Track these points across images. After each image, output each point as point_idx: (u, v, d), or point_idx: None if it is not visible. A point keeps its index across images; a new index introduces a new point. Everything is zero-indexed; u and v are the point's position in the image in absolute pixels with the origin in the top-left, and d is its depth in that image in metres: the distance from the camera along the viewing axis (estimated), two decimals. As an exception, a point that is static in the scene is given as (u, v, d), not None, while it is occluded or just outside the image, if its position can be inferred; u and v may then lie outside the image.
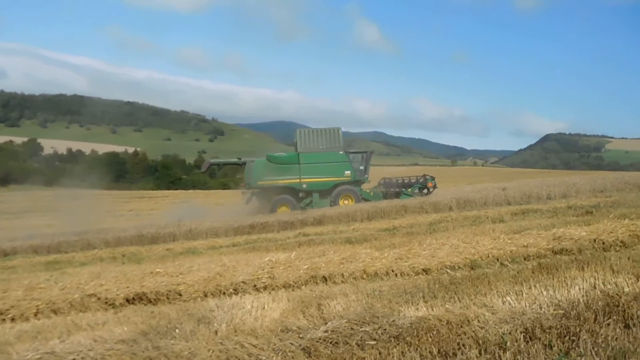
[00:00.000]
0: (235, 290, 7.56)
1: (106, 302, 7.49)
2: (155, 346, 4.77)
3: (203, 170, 30.29)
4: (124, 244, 18.05)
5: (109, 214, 32.71)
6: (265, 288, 7.54)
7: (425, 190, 25.66)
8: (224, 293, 7.46)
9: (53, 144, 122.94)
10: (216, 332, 5.24)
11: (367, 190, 26.32)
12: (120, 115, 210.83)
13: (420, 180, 26.14)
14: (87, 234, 19.71)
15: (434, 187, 26.00)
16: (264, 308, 5.88)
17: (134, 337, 5.11)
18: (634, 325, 3.93)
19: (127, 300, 7.55)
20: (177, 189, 67.65)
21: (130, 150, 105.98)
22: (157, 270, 8.95)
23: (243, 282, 7.68)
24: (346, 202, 24.76)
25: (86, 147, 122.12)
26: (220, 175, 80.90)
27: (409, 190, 25.64)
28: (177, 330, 5.32)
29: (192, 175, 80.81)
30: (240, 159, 28.38)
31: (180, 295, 7.59)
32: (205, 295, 7.50)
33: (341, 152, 25.37)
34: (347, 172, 25.18)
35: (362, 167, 25.85)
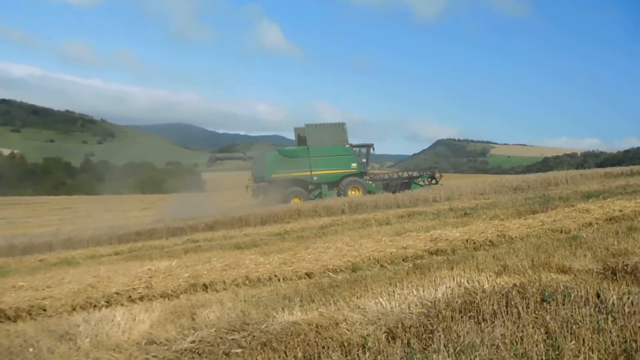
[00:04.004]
0: (107, 302, 7.09)
1: (-47, 323, 6.67)
2: (2, 369, 4.31)
3: (209, 166, 30.04)
4: (-10, 255, 16.35)
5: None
6: (141, 299, 7.15)
7: (433, 181, 28.25)
8: (95, 306, 6.97)
9: None
10: (78, 349, 4.87)
11: (369, 182, 27.62)
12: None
13: (429, 173, 29.01)
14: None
15: (441, 177, 28.83)
16: (134, 320, 5.58)
17: (-22, 361, 4.59)
18: (484, 320, 4.20)
19: (-19, 319, 6.79)
20: (60, 195, 62.67)
21: (6, 152, 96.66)
22: (21, 283, 8.15)
23: (117, 293, 7.22)
24: (354, 192, 26.08)
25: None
26: (109, 180, 76.42)
27: (419, 180, 28.16)
28: (31, 350, 4.87)
29: (77, 179, 75.52)
30: (245, 153, 29.66)
31: (44, 310, 6.96)
32: (74, 310, 6.95)
33: (347, 146, 26.82)
34: (353, 165, 26.74)
35: (364, 160, 27.46)
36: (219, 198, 30.02)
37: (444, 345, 3.70)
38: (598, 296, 4.64)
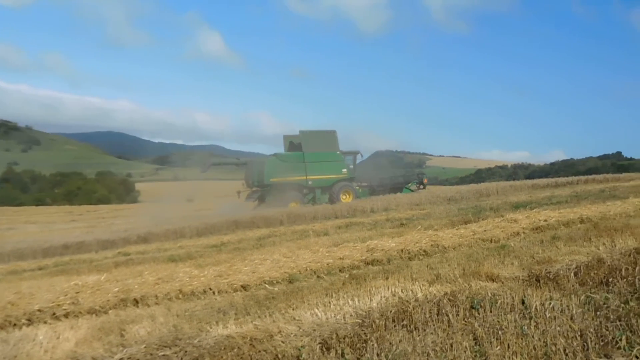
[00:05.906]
0: (29, 320, 6.67)
1: None
2: None
3: (204, 172, 29.98)
4: None
5: None
6: (66, 316, 6.77)
7: (421, 186, 30.33)
8: (15, 325, 6.53)
9: None
10: (-7, 372, 4.55)
11: (357, 187, 29.01)
12: None
13: (418, 178, 31.34)
14: None
15: (427, 182, 31.41)
16: (58, 338, 5.30)
17: None
18: (415, 328, 4.29)
19: None
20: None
21: None
22: None
23: (39, 310, 6.81)
24: (345, 197, 27.51)
25: None
26: (35, 190, 72.57)
27: (410, 184, 30.27)
28: (-62, 376, 4.49)
29: (-2, 190, 70.95)
30: (239, 159, 31.40)
31: (-43, 331, 6.44)
32: (-9, 329, 6.49)
33: (338, 152, 28.47)
34: (344, 170, 28.39)
35: (351, 166, 28.99)
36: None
37: (377, 355, 3.75)
38: (523, 302, 4.86)
